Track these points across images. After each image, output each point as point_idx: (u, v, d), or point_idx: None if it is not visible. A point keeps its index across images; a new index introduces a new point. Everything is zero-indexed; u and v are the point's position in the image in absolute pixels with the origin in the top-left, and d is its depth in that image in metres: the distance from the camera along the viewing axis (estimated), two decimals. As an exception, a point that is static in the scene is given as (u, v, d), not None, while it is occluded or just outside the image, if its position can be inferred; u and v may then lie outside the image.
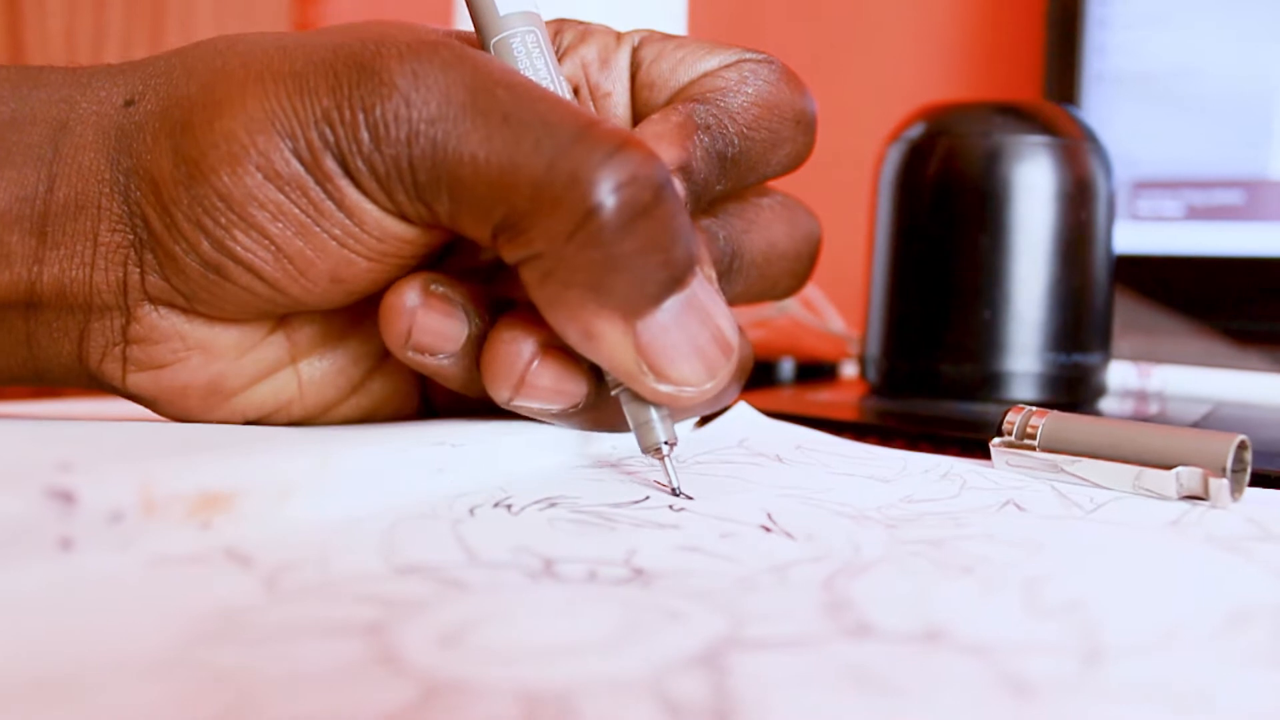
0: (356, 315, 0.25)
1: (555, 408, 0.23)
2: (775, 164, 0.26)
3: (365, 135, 0.20)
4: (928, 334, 0.36)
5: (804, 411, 0.34)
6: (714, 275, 0.24)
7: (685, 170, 0.23)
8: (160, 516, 0.17)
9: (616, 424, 0.24)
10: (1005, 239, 0.35)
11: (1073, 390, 0.36)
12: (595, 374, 0.23)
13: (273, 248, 0.21)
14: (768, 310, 0.51)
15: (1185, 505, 0.23)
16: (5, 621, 0.13)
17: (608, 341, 0.21)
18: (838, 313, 0.55)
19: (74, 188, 0.22)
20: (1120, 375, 0.41)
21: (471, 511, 0.20)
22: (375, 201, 0.21)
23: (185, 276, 0.22)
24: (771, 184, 0.28)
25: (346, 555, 0.17)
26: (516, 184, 0.20)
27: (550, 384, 0.23)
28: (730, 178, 0.25)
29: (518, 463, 0.23)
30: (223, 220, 0.21)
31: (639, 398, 0.22)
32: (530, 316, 0.23)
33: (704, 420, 0.31)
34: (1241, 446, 0.23)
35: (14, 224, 0.21)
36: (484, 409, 0.27)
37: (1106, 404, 0.38)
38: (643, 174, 0.20)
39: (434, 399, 0.27)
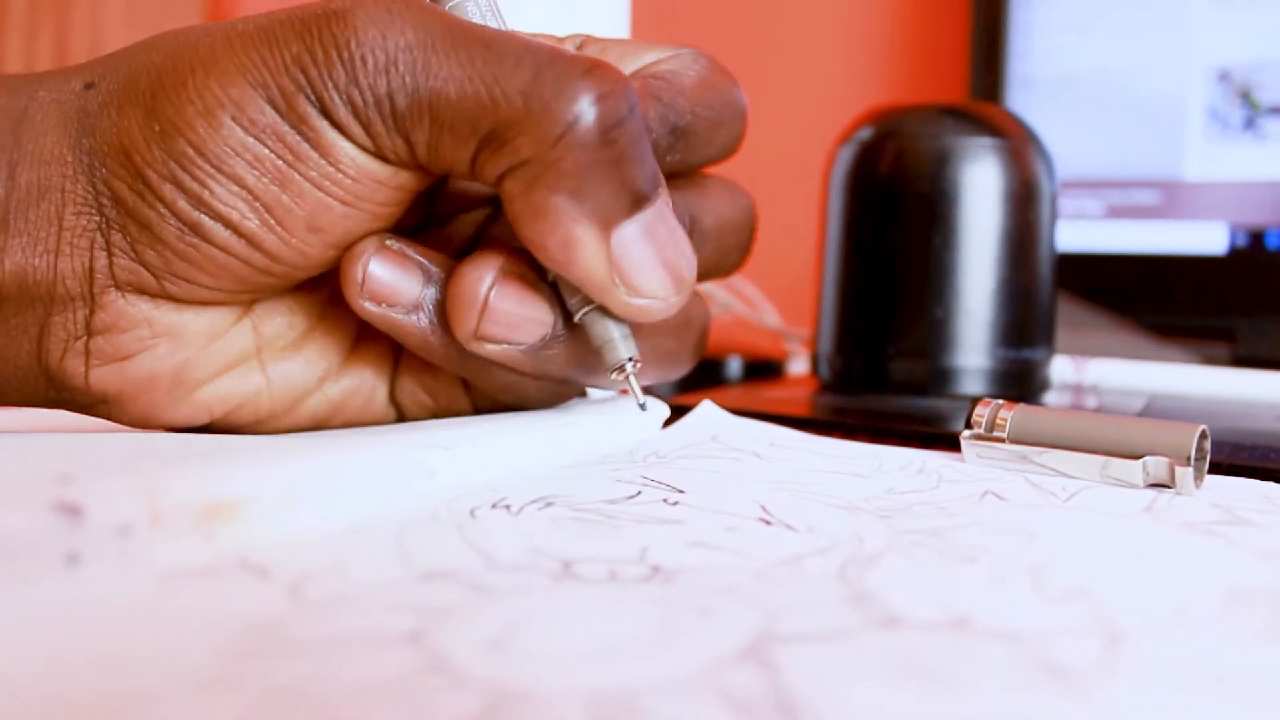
0: (322, 307, 0.25)
1: (521, 341, 0.24)
2: (717, 145, 0.27)
3: (340, 71, 0.21)
4: (880, 331, 0.37)
5: (759, 408, 0.34)
6: (670, 201, 0.24)
7: None
8: (167, 528, 0.16)
9: (585, 362, 0.25)
10: (955, 238, 0.36)
11: (1020, 384, 0.37)
12: (558, 308, 0.24)
13: (249, 197, 0.21)
14: (711, 308, 0.52)
15: (1152, 493, 0.24)
16: (31, 638, 0.13)
17: (585, 251, 0.22)
18: (774, 309, 0.56)
19: (35, 173, 0.21)
20: (1058, 369, 0.42)
21: (472, 513, 0.20)
22: (351, 138, 0.21)
23: (161, 245, 0.22)
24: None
25: (363, 562, 0.16)
26: (503, 96, 0.21)
27: (513, 308, 0.23)
28: (679, 150, 0.26)
29: (505, 464, 0.23)
30: (199, 174, 0.21)
31: (603, 317, 0.23)
32: (487, 251, 0.23)
33: (670, 419, 0.31)
34: (1202, 436, 0.24)
35: None
36: (445, 407, 0.27)
37: (1049, 398, 0.39)
38: (618, 89, 0.22)
39: (398, 398, 0.27)
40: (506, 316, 0.23)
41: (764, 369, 0.49)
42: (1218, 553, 0.19)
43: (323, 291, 0.25)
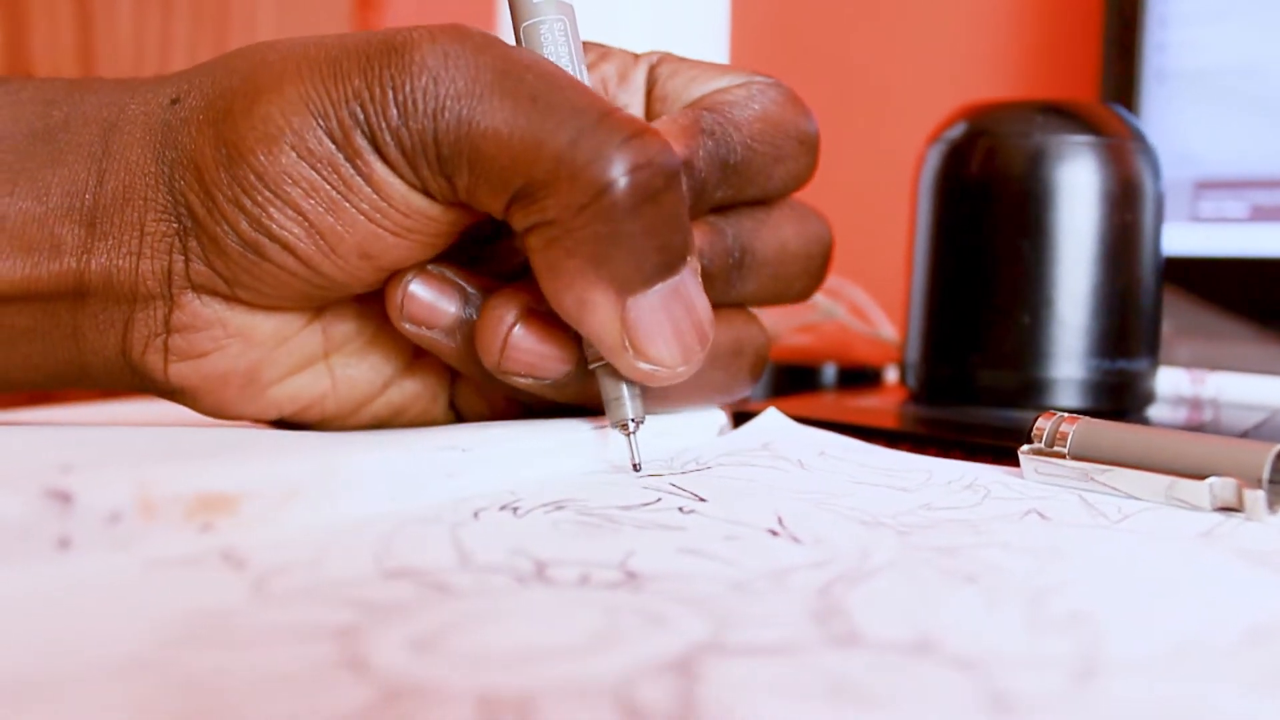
0: (387, 314, 0.26)
1: (541, 377, 0.24)
2: (778, 179, 0.27)
3: (394, 111, 0.21)
4: (968, 339, 0.35)
5: (841, 418, 0.33)
6: (699, 269, 0.24)
7: (687, 167, 0.24)
8: (160, 518, 0.17)
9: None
10: (1047, 242, 0.34)
11: (1118, 397, 0.35)
12: (580, 348, 0.24)
13: (305, 223, 0.22)
14: (814, 315, 0.51)
15: (1219, 517, 0.22)
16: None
17: (598, 313, 0.22)
18: (886, 317, 0.55)
19: (121, 181, 0.23)
20: (1172, 382, 0.40)
21: (475, 515, 0.20)
22: (401, 176, 0.22)
23: (226, 258, 0.23)
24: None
25: (340, 559, 0.17)
26: (538, 157, 0.21)
27: (533, 347, 0.24)
28: (731, 185, 0.26)
29: (529, 468, 0.23)
30: (259, 198, 0.22)
31: (615, 374, 0.24)
32: (516, 288, 0.24)
33: (735, 424, 0.30)
34: (1279, 457, 0.22)
35: (64, 216, 0.23)
36: (507, 413, 0.27)
37: (1156, 411, 0.37)
38: (657, 161, 0.21)
39: (460, 403, 0.28)
40: (527, 354, 0.24)
41: (860, 376, 0.48)
42: (1262, 584, 0.18)
43: None
